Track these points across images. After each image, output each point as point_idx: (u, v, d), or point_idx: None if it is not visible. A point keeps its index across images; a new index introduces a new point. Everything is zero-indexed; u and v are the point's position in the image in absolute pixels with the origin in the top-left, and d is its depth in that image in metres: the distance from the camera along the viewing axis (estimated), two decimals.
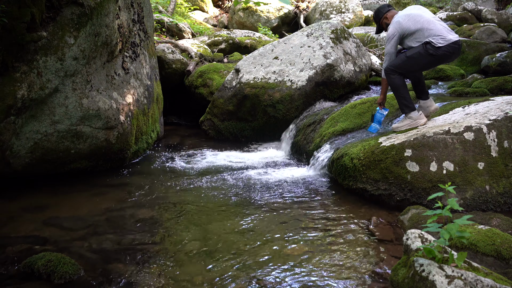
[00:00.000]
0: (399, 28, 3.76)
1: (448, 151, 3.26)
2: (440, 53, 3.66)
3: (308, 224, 3.08)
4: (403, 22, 3.75)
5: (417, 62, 3.75)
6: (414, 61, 3.74)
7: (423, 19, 3.73)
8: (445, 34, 3.66)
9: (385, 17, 4.03)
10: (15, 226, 3.07)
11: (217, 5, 15.45)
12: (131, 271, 2.44)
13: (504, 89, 5.43)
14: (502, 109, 3.57)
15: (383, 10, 4.04)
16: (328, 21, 6.32)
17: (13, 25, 3.18)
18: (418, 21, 3.71)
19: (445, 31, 3.69)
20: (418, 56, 3.71)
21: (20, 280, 2.33)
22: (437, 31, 3.66)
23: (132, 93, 4.63)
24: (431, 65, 3.92)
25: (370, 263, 2.48)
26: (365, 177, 3.49)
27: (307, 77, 5.60)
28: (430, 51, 3.66)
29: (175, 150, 5.51)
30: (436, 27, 3.69)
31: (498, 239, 2.36)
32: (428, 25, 3.69)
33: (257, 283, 2.27)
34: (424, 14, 3.79)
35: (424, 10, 3.87)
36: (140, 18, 5.10)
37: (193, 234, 2.93)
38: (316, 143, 4.76)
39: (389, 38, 3.82)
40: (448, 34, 3.68)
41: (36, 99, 3.49)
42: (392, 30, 3.80)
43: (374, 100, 4.94)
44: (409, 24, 3.73)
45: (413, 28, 3.72)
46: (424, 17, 3.75)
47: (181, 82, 7.28)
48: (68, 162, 4.03)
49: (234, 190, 3.87)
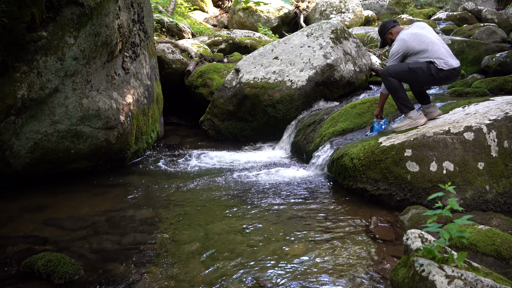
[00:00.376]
0: (404, 46, 3.80)
1: (448, 151, 3.26)
2: (441, 75, 3.71)
3: (308, 224, 3.08)
4: (408, 41, 3.78)
5: (417, 77, 3.79)
6: (414, 75, 3.78)
7: (428, 40, 3.77)
8: (447, 59, 3.71)
9: (390, 32, 4.06)
10: (15, 226, 3.07)
11: (217, 5, 15.45)
12: (131, 271, 2.44)
13: (504, 89, 5.43)
14: (502, 109, 3.57)
15: (388, 25, 4.08)
16: (328, 21, 6.32)
17: (13, 25, 3.18)
18: (423, 42, 3.75)
19: (448, 56, 3.74)
20: (420, 72, 3.74)
21: (20, 280, 2.33)
22: (441, 54, 3.71)
23: (132, 93, 4.63)
24: (428, 83, 3.98)
25: (370, 263, 2.48)
26: (365, 177, 3.49)
27: (307, 77, 5.60)
28: (432, 71, 3.70)
29: (175, 150, 5.51)
30: (440, 50, 3.74)
31: (498, 239, 2.36)
32: (432, 47, 3.74)
33: (257, 283, 2.27)
34: (428, 34, 3.83)
35: (428, 30, 3.90)
36: (140, 18, 5.10)
37: (193, 234, 2.93)
38: (316, 143, 4.76)
39: (393, 54, 3.86)
40: (451, 59, 3.73)
41: (36, 99, 3.49)
42: (396, 47, 3.84)
43: (374, 100, 4.94)
44: (414, 43, 3.77)
45: (417, 48, 3.76)
46: (429, 38, 3.80)
47: (181, 82, 7.29)
48: (68, 162, 4.03)
49: (234, 190, 3.87)
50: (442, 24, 11.23)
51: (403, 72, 3.80)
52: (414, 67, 3.75)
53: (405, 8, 14.81)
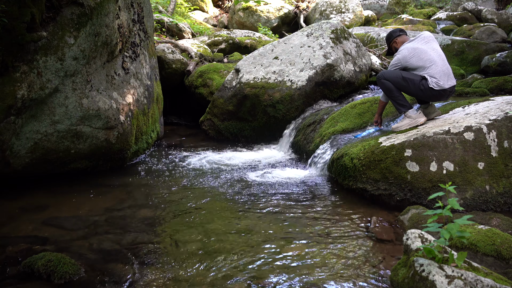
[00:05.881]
0: (403, 61, 3.95)
1: (448, 151, 3.26)
2: (430, 93, 3.89)
3: (308, 224, 3.08)
4: (407, 56, 3.93)
5: (408, 87, 3.94)
6: (406, 84, 3.93)
7: (427, 58, 3.87)
8: (441, 80, 3.83)
9: (394, 41, 4.22)
10: (15, 226, 3.07)
11: (217, 5, 15.46)
12: (131, 271, 2.44)
13: (504, 89, 5.43)
14: (502, 109, 3.57)
15: (394, 34, 4.24)
16: (328, 21, 6.31)
17: (13, 25, 3.18)
18: (421, 59, 3.88)
19: (442, 76, 3.84)
20: (411, 83, 3.90)
21: (20, 280, 2.33)
22: (436, 73, 3.83)
23: (132, 93, 4.63)
24: (416, 96, 4.09)
25: (370, 263, 2.48)
26: (365, 177, 3.49)
27: (307, 77, 5.60)
28: (422, 86, 3.86)
29: (175, 150, 5.51)
30: (437, 69, 3.84)
31: (498, 239, 2.36)
32: (429, 64, 3.85)
33: (257, 283, 2.27)
34: (429, 51, 3.91)
35: (431, 45, 3.96)
36: (140, 18, 5.10)
37: (193, 234, 2.93)
38: (316, 143, 4.76)
39: (393, 64, 4.05)
40: (444, 80, 3.84)
41: (36, 99, 3.49)
42: (396, 60, 4.01)
43: (374, 100, 4.95)
44: (413, 60, 3.91)
45: (415, 65, 3.91)
46: (429, 55, 3.88)
47: (181, 82, 7.28)
48: (68, 162, 4.03)
49: (234, 190, 3.87)
50: (442, 24, 11.24)
51: (397, 79, 3.94)
52: (408, 77, 3.91)
53: (405, 8, 14.80)
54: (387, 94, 4.08)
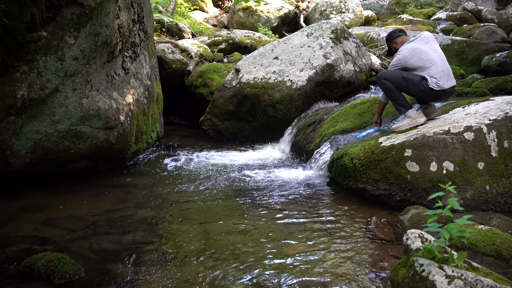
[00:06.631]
0: (403, 61, 3.95)
1: (448, 151, 3.26)
2: (430, 94, 3.88)
3: (308, 224, 3.08)
4: (407, 57, 3.92)
5: (408, 87, 3.94)
6: (406, 84, 3.93)
7: (427, 58, 3.86)
8: (441, 80, 3.82)
9: (394, 42, 4.23)
10: (15, 226, 3.07)
11: (217, 5, 15.46)
12: (131, 271, 2.44)
13: (504, 89, 5.43)
14: (502, 109, 3.57)
15: (394, 35, 4.24)
16: (328, 21, 6.31)
17: (13, 25, 3.18)
18: (421, 59, 3.88)
19: (443, 76, 3.84)
20: (411, 83, 3.90)
21: (20, 280, 2.33)
22: (436, 74, 3.83)
23: (132, 93, 4.63)
24: (416, 96, 4.09)
25: (370, 263, 2.48)
26: (365, 177, 3.49)
27: (307, 77, 5.60)
28: (422, 87, 3.86)
29: (175, 150, 5.51)
30: (437, 69, 3.84)
31: (498, 239, 2.36)
32: (429, 65, 3.85)
33: (257, 283, 2.27)
34: (429, 51, 3.90)
35: (431, 45, 3.96)
36: (140, 18, 5.10)
37: (193, 234, 2.93)
38: (316, 143, 4.76)
39: (393, 65, 4.05)
40: (444, 80, 3.83)
41: (36, 99, 3.49)
42: (396, 60, 4.01)
43: (374, 100, 4.95)
44: (413, 60, 3.91)
45: (415, 65, 3.91)
46: (429, 55, 3.88)
47: (181, 82, 7.28)
48: (68, 162, 4.03)
49: (234, 190, 3.87)
50: (442, 24, 11.24)
51: (397, 79, 3.94)
52: (408, 77, 3.90)
53: (405, 8, 14.81)
54: (387, 94, 4.08)
